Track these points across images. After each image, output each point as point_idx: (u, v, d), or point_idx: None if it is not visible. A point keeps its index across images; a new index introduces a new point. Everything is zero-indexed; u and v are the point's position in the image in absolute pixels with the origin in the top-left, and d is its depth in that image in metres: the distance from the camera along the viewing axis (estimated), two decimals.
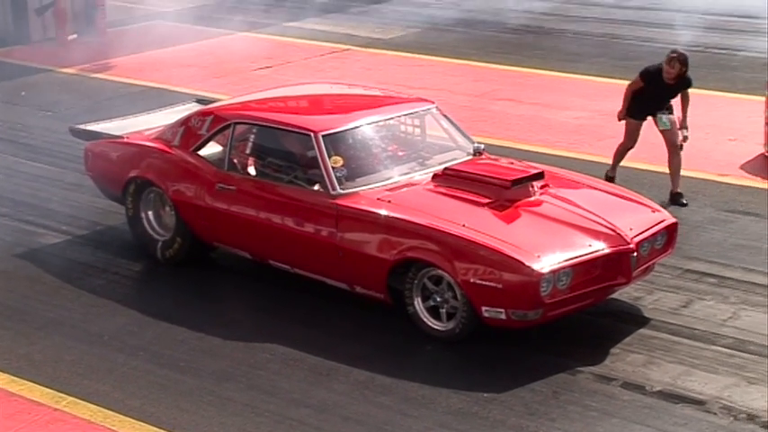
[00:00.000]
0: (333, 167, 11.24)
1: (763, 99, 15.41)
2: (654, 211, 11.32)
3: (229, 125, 12.14)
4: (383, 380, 10.19)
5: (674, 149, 13.89)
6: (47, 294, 12.25)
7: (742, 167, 15.02)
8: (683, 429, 9.16)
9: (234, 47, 22.36)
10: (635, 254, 10.47)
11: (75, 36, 23.07)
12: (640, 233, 10.69)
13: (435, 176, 11.41)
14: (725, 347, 10.42)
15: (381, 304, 11.04)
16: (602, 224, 10.60)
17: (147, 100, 18.86)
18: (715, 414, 9.36)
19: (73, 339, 11.27)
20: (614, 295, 11.06)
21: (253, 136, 12.23)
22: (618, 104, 14.91)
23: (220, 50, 22.17)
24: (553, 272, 10.03)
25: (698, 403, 9.51)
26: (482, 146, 12.14)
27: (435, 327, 10.70)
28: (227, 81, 19.90)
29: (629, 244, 10.44)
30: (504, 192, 10.95)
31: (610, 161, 14.49)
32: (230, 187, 11.89)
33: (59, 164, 16.11)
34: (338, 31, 23.28)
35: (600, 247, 10.40)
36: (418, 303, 10.74)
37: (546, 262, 10.05)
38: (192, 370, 10.63)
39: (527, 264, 9.99)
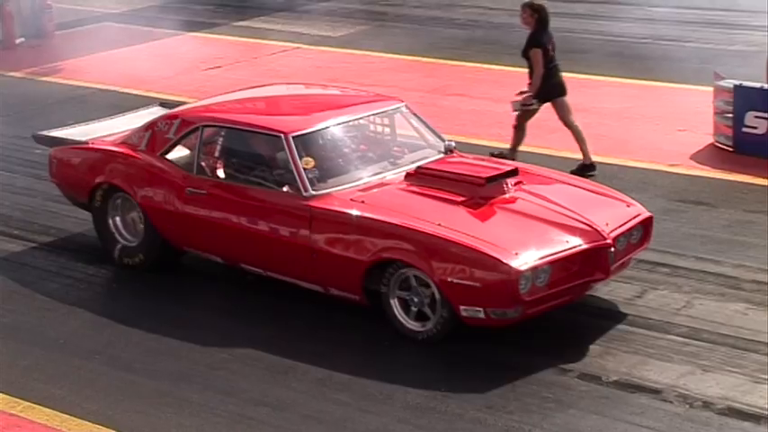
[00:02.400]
0: (304, 169, 11.15)
1: (711, 89, 15.51)
2: (629, 206, 11.27)
3: (197, 128, 12.01)
4: (341, 377, 10.21)
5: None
6: (0, 299, 12.18)
7: (692, 157, 15.12)
8: (639, 418, 9.23)
9: (183, 47, 22.37)
10: (612, 249, 10.44)
11: (22, 39, 23.00)
12: (616, 228, 10.67)
13: (408, 175, 11.35)
14: (679, 336, 10.50)
15: (354, 304, 10.98)
16: (578, 220, 10.57)
17: (97, 102, 18.87)
18: (671, 402, 9.42)
19: (28, 344, 11.24)
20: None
21: (221, 139, 12.08)
22: (568, 98, 15.03)
23: (169, 51, 22.16)
24: (531, 269, 9.97)
25: (654, 392, 9.58)
26: (453, 144, 12.09)
27: (413, 327, 10.62)
28: (177, 81, 19.90)
29: (606, 239, 10.41)
30: (479, 189, 10.89)
31: (561, 154, 14.55)
32: (200, 191, 11.76)
33: (10, 168, 16.06)
34: (287, 29, 23.29)
35: (577, 243, 10.35)
36: (395, 304, 10.65)
37: (524, 259, 9.99)
38: (148, 372, 10.63)
39: (505, 261, 9.92)
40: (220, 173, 11.91)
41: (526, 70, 14.47)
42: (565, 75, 18.70)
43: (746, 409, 9.35)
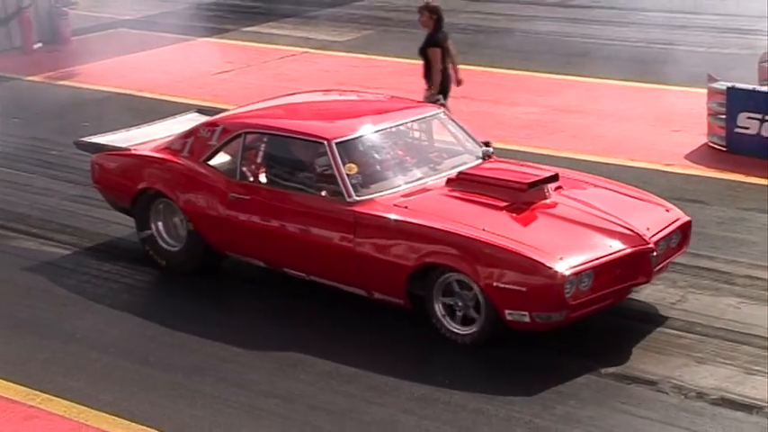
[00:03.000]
0: (347, 174, 10.93)
1: (705, 91, 15.51)
2: (668, 210, 11.09)
3: (240, 135, 11.79)
4: (347, 369, 10.22)
5: None
6: (19, 295, 12.25)
7: (687, 157, 15.11)
8: (636, 409, 9.27)
9: (195, 52, 22.34)
10: (654, 253, 10.28)
11: (40, 45, 23.00)
12: (658, 232, 10.51)
13: (449, 181, 11.13)
14: (674, 329, 10.52)
15: (398, 308, 10.80)
16: (620, 224, 10.39)
17: (112, 105, 18.86)
18: (666, 393, 9.46)
19: (46, 338, 11.26)
20: None
21: (264, 145, 11.85)
22: (564, 99, 14.99)
23: (181, 56, 22.13)
24: (576, 273, 9.79)
25: (650, 383, 9.62)
26: (491, 149, 11.86)
27: (457, 331, 10.40)
28: (188, 85, 19.88)
29: (648, 243, 10.25)
30: (521, 195, 10.69)
31: (561, 154, 14.53)
32: (243, 196, 11.55)
33: (29, 169, 16.07)
34: (295, 34, 23.26)
35: (620, 248, 10.17)
36: (439, 308, 10.44)
37: (569, 264, 9.82)
38: (162, 365, 10.65)
39: (551, 266, 9.77)
40: (263, 178, 11.68)
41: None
42: (563, 77, 18.86)
43: (739, 400, 9.36)
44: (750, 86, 15.47)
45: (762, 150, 14.63)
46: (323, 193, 11.10)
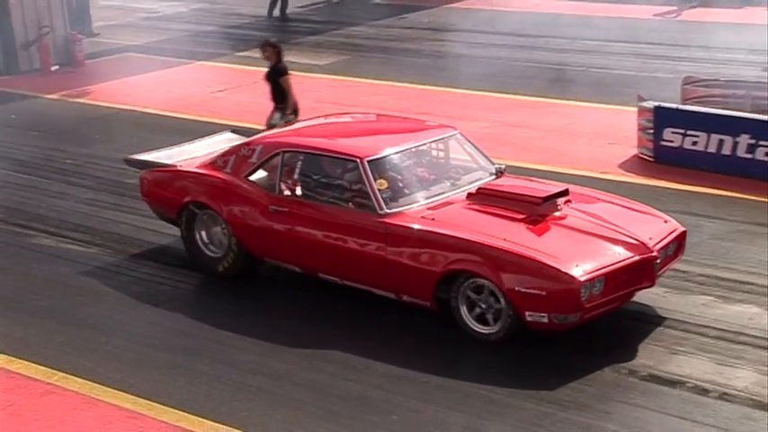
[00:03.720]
0: (379, 189, 10.76)
1: (636, 109, 15.58)
2: (665, 222, 10.96)
3: (278, 153, 11.55)
4: (326, 351, 10.26)
5: None
6: (38, 286, 12.27)
7: (620, 166, 15.18)
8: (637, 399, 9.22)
9: (193, 74, 22.30)
10: (658, 260, 10.20)
11: (57, 67, 22.94)
12: (659, 241, 10.39)
13: (470, 195, 10.92)
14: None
15: (425, 310, 10.62)
16: (626, 235, 10.24)
17: (121, 121, 18.85)
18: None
19: (62, 324, 11.30)
20: None
21: (300, 162, 11.58)
22: (515, 116, 15.00)
23: (182, 77, 22.08)
24: (590, 279, 9.66)
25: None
26: (503, 166, 11.68)
27: (480, 331, 10.24)
28: (188, 102, 19.85)
29: (652, 252, 10.13)
30: (536, 207, 10.51)
31: (512, 163, 14.48)
32: (283, 209, 11.31)
33: (46, 176, 16.06)
34: None
35: (628, 256, 10.03)
36: (464, 310, 10.26)
37: (584, 270, 9.69)
38: (164, 347, 10.69)
39: (569, 273, 9.63)
40: (300, 192, 11.43)
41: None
42: (514, 97, 18.91)
43: (665, 376, 9.49)
44: (674, 105, 15.56)
45: (684, 160, 14.77)
46: (356, 206, 10.90)
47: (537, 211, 10.47)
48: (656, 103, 15.32)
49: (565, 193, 10.80)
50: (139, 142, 17.29)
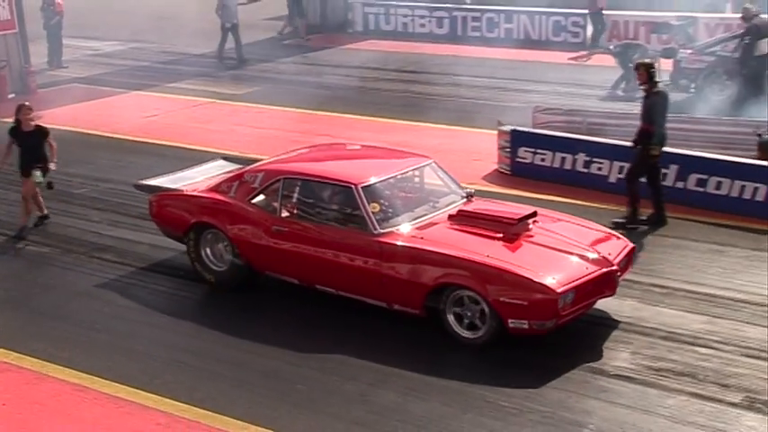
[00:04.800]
0: (372, 212, 10.38)
1: (496, 132, 15.79)
2: (618, 239, 10.73)
3: (279, 180, 11.05)
4: (283, 340, 10.22)
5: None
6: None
7: (483, 178, 15.33)
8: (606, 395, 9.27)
9: (130, 101, 22.06)
10: (619, 273, 10.06)
11: (13, 95, 22.49)
12: (617, 256, 10.19)
13: (451, 216, 10.55)
14: None
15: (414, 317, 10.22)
16: (591, 251, 10.04)
17: (68, 140, 18.45)
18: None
19: (17, 312, 11.18)
20: None
21: (299, 188, 11.05)
22: (400, 138, 14.95)
23: (120, 104, 21.85)
24: (565, 291, 9.42)
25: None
26: (473, 190, 11.38)
27: (466, 336, 9.91)
28: (127, 125, 19.59)
29: (614, 265, 9.97)
30: (511, 227, 10.19)
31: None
32: (284, 229, 10.83)
33: (4, 186, 15.60)
34: (205, 89, 23.11)
35: (594, 269, 9.82)
36: (451, 318, 9.91)
37: (560, 283, 9.45)
38: (104, 330, 10.65)
39: (548, 286, 9.39)
40: (300, 214, 10.95)
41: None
42: (399, 121, 19.02)
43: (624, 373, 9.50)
44: (527, 129, 15.82)
45: (535, 174, 14.98)
46: (351, 227, 10.47)
47: (512, 231, 10.17)
48: (513, 127, 15.54)
49: (534, 214, 10.53)
50: (84, 158, 17.18)
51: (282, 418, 8.77)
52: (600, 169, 14.60)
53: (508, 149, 15.48)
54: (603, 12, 25.94)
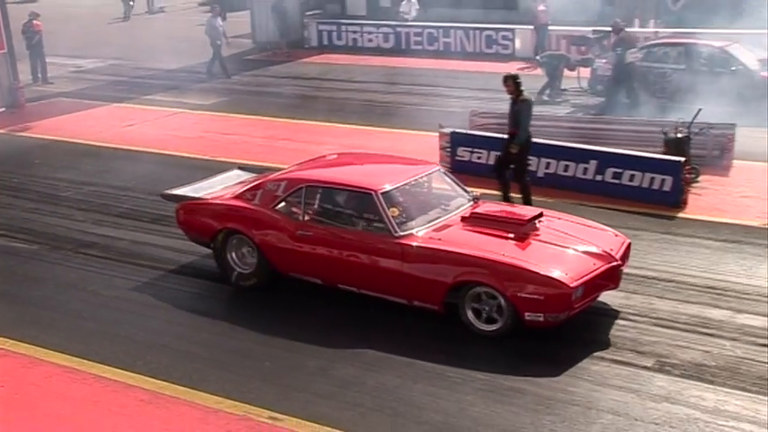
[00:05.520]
0: (392, 216, 9.99)
1: (438, 134, 15.86)
2: (616, 235, 10.38)
3: (301, 188, 10.61)
4: (258, 326, 10.17)
5: None
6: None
7: None
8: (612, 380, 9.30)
9: (109, 113, 21.85)
10: (622, 267, 9.88)
11: (3, 109, 22.25)
12: (618, 251, 9.93)
13: (464, 218, 10.19)
14: None
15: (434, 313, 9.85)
16: (595, 247, 9.77)
17: (54, 149, 18.43)
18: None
19: (11, 304, 11.06)
20: None
21: (321, 195, 10.65)
22: (353, 140, 14.84)
23: (101, 115, 21.62)
24: (578, 285, 9.16)
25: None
26: (478, 194, 11.01)
27: (484, 329, 9.56)
28: (106, 134, 19.41)
29: (618, 260, 9.75)
30: (521, 227, 9.89)
31: None
32: (308, 233, 10.38)
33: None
34: (175, 100, 22.96)
35: (601, 264, 9.57)
36: (470, 312, 9.58)
37: (573, 278, 9.18)
38: (91, 318, 10.56)
39: (562, 281, 9.11)
40: (323, 219, 10.48)
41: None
42: (352, 127, 19.04)
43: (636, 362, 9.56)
44: (464, 131, 15.93)
45: (473, 170, 14.89)
46: (372, 230, 10.04)
47: (522, 231, 9.87)
48: (452, 130, 15.63)
49: (540, 215, 10.26)
50: (69, 164, 17.03)
51: (252, 393, 8.77)
52: (529, 165, 14.66)
53: (449, 149, 15.55)
54: (548, 26, 26.08)
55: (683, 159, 13.72)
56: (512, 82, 13.35)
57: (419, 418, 8.27)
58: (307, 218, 10.54)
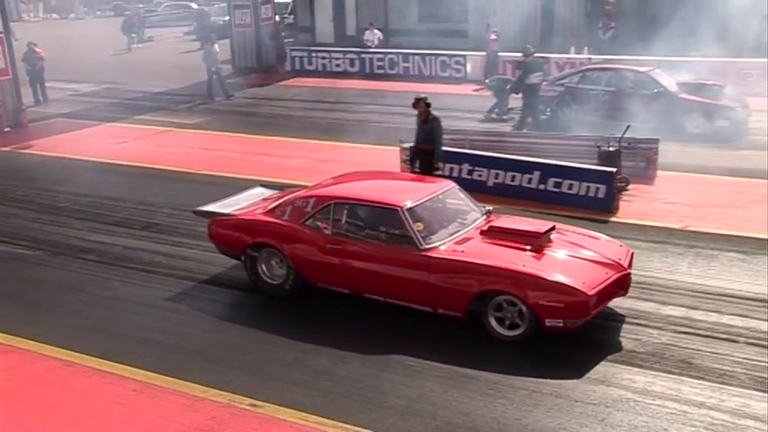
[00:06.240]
0: (417, 231, 9.63)
1: (398, 148, 15.80)
2: (620, 245, 10.09)
3: (330, 204, 10.17)
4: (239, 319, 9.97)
5: None
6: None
7: None
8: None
9: (104, 132, 21.62)
10: (630, 275, 9.67)
11: (8, 129, 21.96)
12: (625, 260, 9.69)
13: (483, 232, 9.82)
14: None
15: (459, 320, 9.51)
16: (607, 257, 9.52)
17: (54, 165, 18.21)
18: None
19: (16, 305, 10.84)
20: None
21: (348, 211, 10.11)
22: (322, 155, 14.75)
23: (96, 134, 21.38)
24: (594, 294, 8.93)
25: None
26: (491, 208, 10.65)
27: (506, 334, 9.23)
28: (101, 150, 19.15)
29: (627, 269, 9.54)
30: (537, 240, 9.53)
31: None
32: (337, 247, 9.97)
33: (1, 202, 15.26)
34: (163, 119, 22.80)
35: (613, 273, 9.33)
36: (492, 319, 9.25)
37: (590, 287, 8.93)
38: (88, 316, 10.39)
39: (582, 290, 8.85)
40: (351, 234, 10.02)
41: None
42: (321, 142, 18.96)
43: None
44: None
45: None
46: (399, 243, 9.63)
47: (537, 243, 9.51)
48: (411, 144, 15.46)
49: (553, 228, 9.92)
50: (67, 178, 16.85)
51: (235, 382, 8.71)
52: (480, 176, 14.74)
53: (408, 162, 15.44)
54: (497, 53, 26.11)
55: (614, 170, 13.85)
56: (423, 104, 13.45)
57: (384, 403, 8.25)
58: (335, 232, 10.09)
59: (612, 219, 13.23)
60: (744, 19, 21.14)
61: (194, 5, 46.92)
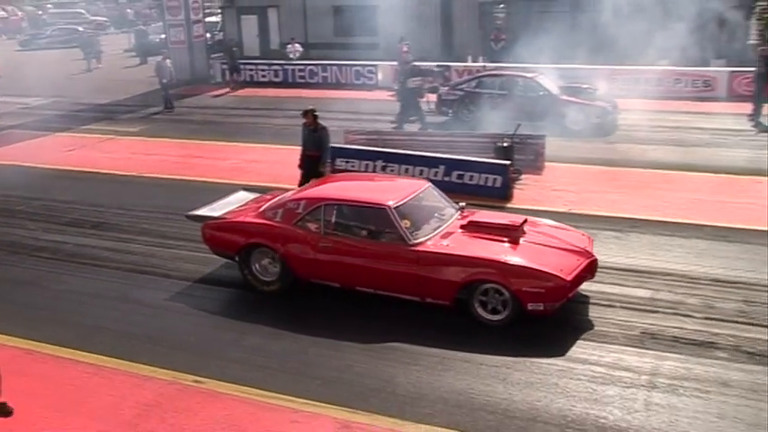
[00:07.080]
0: (405, 227, 9.38)
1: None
2: (583, 234, 9.91)
3: (320, 206, 9.78)
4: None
5: None
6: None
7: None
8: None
9: (54, 141, 20.91)
10: (597, 261, 9.49)
11: None
12: (590, 247, 9.57)
13: (463, 227, 9.54)
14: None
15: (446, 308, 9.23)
16: (576, 246, 9.37)
17: (7, 173, 17.50)
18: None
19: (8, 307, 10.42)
20: None
21: (338, 211, 9.73)
22: (252, 156, 14.55)
23: (46, 143, 20.67)
24: (572, 279, 8.81)
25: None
26: (464, 204, 10.30)
27: (491, 319, 9.00)
28: (51, 157, 18.53)
29: (594, 256, 9.39)
30: (513, 232, 9.34)
31: (253, 183, 14.25)
32: (329, 245, 9.60)
33: None
34: (107, 128, 22.17)
35: (583, 260, 9.19)
36: (478, 306, 9.02)
37: (567, 273, 8.81)
38: (86, 314, 10.03)
39: (561, 276, 8.72)
40: (342, 232, 9.64)
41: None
42: (251, 145, 18.70)
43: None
44: (341, 145, 15.79)
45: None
46: (388, 240, 9.36)
47: (513, 235, 9.33)
48: (331, 144, 15.37)
49: (525, 221, 9.71)
50: (21, 184, 16.29)
51: (179, 361, 8.60)
52: (392, 171, 14.77)
53: (329, 161, 15.41)
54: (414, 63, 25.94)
55: (508, 162, 14.10)
56: (311, 114, 13.32)
57: (315, 375, 8.26)
58: (327, 231, 9.71)
59: (508, 205, 13.43)
60: (614, 31, 21.78)
61: (80, 28, 45.14)
